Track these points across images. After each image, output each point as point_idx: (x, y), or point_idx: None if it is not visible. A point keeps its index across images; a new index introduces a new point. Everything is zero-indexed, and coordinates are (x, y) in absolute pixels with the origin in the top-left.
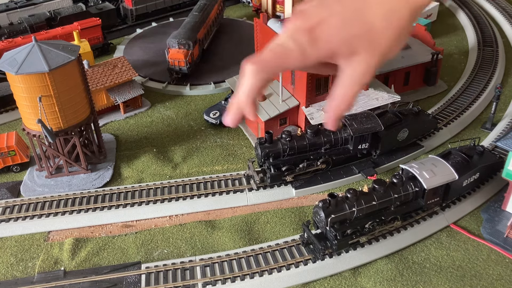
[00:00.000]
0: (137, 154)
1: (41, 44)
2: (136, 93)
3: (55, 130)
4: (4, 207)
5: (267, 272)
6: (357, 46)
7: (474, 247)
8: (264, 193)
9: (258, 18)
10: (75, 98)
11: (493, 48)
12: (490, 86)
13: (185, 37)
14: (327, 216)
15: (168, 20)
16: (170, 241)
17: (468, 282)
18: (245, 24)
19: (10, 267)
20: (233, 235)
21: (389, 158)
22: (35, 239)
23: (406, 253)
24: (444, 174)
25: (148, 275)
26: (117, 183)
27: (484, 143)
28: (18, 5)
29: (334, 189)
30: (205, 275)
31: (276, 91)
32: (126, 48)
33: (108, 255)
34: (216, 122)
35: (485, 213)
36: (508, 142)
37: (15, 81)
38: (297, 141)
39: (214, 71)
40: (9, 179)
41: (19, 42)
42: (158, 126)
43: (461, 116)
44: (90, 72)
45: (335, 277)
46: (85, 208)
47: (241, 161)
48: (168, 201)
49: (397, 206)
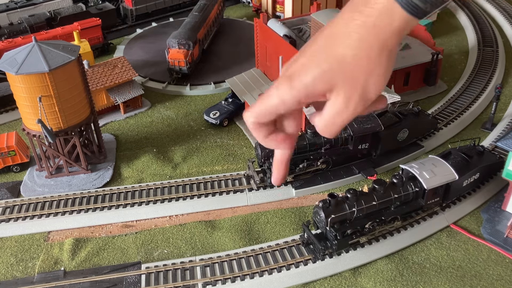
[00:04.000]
0: (137, 154)
1: (41, 44)
2: (136, 93)
3: (55, 130)
4: (4, 207)
5: (267, 272)
6: (333, 80)
7: (474, 247)
8: (264, 193)
9: (258, 18)
10: (75, 98)
11: (493, 48)
12: (490, 86)
13: (185, 37)
14: (327, 216)
15: (168, 20)
16: (170, 241)
17: (468, 282)
18: (245, 24)
19: (10, 267)
20: (233, 235)
21: (389, 158)
22: (35, 239)
23: (406, 253)
24: (444, 174)
25: (148, 275)
26: (117, 183)
27: (484, 143)
28: (18, 5)
29: (334, 189)
30: (205, 275)
31: None
32: (126, 48)
33: (108, 255)
34: (216, 122)
35: (485, 213)
36: (508, 142)
37: (15, 81)
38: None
39: (214, 71)
40: (9, 179)
41: (19, 42)
42: (158, 126)
43: (461, 116)
44: (90, 72)
45: (335, 277)
46: (85, 208)
47: (241, 161)
48: (168, 201)
49: (397, 206)
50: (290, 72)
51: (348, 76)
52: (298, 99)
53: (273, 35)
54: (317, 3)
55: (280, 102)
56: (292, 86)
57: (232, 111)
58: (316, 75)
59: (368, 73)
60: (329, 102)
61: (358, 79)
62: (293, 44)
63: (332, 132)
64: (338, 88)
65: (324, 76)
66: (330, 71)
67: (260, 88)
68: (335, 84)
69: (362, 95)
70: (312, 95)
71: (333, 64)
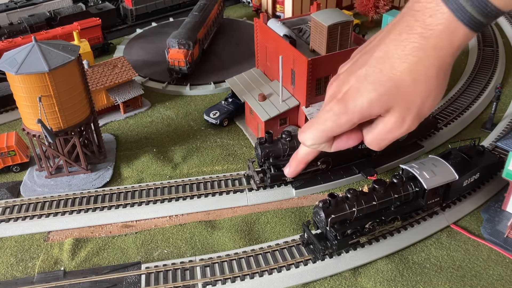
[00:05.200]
0: (137, 154)
1: (41, 44)
2: (136, 93)
3: (55, 130)
4: (4, 207)
5: (267, 272)
6: (390, 104)
7: (474, 247)
8: (264, 193)
9: (258, 18)
10: (75, 98)
11: (493, 48)
12: (490, 86)
13: (185, 37)
14: (327, 216)
15: (168, 20)
16: (170, 241)
17: (468, 282)
18: (245, 24)
19: (10, 267)
20: (233, 235)
21: (389, 158)
22: (35, 239)
23: (406, 253)
24: (444, 174)
25: (148, 275)
26: (117, 183)
27: (484, 143)
28: (18, 5)
29: (334, 189)
30: (205, 275)
31: (276, 91)
32: (126, 48)
33: (108, 255)
34: (216, 122)
35: (485, 213)
36: (508, 142)
37: (15, 81)
38: (297, 141)
39: (214, 71)
40: (9, 179)
41: (19, 42)
42: (158, 126)
43: (461, 116)
44: (90, 72)
45: (335, 277)
46: (85, 208)
47: (241, 161)
48: (168, 201)
49: (397, 206)
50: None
51: (405, 100)
52: (353, 122)
53: (273, 35)
54: (317, 3)
55: (335, 126)
56: (346, 110)
57: (232, 111)
58: (372, 99)
59: (425, 96)
60: (382, 120)
61: (415, 101)
62: (293, 44)
63: (381, 146)
64: (393, 110)
65: (381, 99)
66: (387, 95)
67: (260, 88)
68: (391, 106)
69: (417, 115)
70: (366, 117)
71: (390, 88)
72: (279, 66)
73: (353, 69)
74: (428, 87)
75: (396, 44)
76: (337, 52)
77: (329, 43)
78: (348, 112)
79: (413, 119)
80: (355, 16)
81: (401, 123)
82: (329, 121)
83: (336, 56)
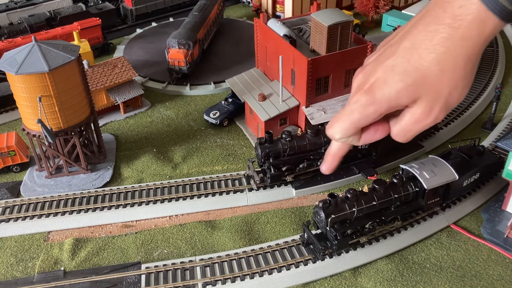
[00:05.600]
0: (137, 154)
1: (41, 44)
2: (136, 93)
3: (55, 130)
4: (4, 207)
5: (267, 272)
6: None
7: (475, 247)
8: (264, 193)
9: (258, 18)
10: (75, 98)
11: (493, 48)
12: (490, 86)
13: (185, 37)
14: (327, 216)
15: (168, 20)
16: (170, 241)
17: (468, 282)
18: (245, 24)
19: (10, 267)
20: (233, 235)
21: (389, 158)
22: (35, 239)
23: (406, 253)
24: (444, 174)
25: (148, 275)
26: (117, 183)
27: (484, 143)
28: (18, 5)
29: (334, 189)
30: (205, 275)
31: (276, 91)
32: (126, 48)
33: (108, 255)
34: (216, 122)
35: (486, 213)
36: (508, 142)
37: (15, 81)
38: (297, 141)
39: (214, 71)
40: (9, 179)
41: (19, 42)
42: (158, 126)
43: (461, 116)
44: (90, 72)
45: (335, 277)
46: (85, 208)
47: (241, 161)
48: (168, 201)
49: (397, 206)
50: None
51: (432, 90)
52: (380, 112)
53: (273, 35)
54: (317, 3)
55: (363, 116)
56: (374, 100)
57: (232, 111)
58: (400, 89)
59: (453, 86)
60: (409, 110)
61: (443, 92)
62: (293, 44)
63: (407, 138)
64: (421, 100)
65: (409, 89)
66: (415, 85)
67: (260, 88)
68: (419, 96)
69: (445, 106)
70: (394, 108)
71: (418, 79)
72: (279, 66)
73: (379, 60)
74: (455, 77)
75: (424, 34)
76: (337, 52)
77: (329, 43)
78: (375, 102)
79: (441, 109)
80: (355, 16)
81: (428, 113)
82: (356, 112)
83: (336, 56)
